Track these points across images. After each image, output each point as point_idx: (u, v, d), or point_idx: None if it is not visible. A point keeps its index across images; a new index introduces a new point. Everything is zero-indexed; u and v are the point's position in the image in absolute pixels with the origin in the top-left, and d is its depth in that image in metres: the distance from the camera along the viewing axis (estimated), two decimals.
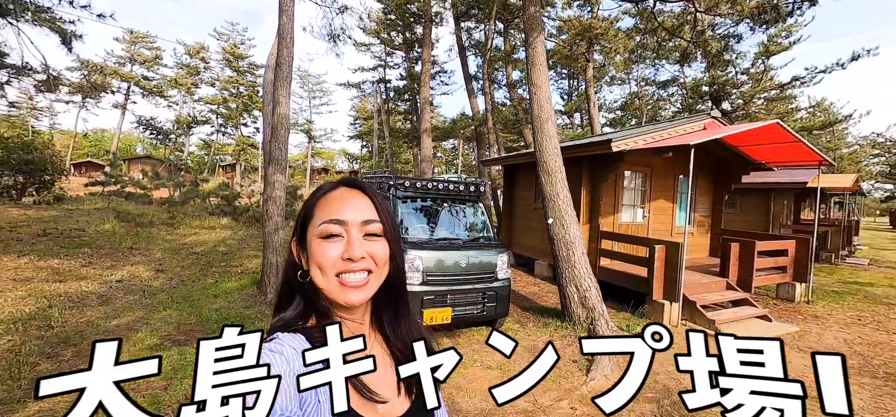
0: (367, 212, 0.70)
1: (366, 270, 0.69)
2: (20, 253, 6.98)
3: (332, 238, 0.67)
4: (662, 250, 5.74)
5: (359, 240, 0.68)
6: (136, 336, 4.61)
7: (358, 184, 0.74)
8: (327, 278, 0.67)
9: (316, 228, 0.68)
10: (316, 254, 0.67)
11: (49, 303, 5.22)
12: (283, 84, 6.48)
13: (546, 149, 5.73)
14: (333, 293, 0.67)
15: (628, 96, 24.85)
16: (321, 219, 0.68)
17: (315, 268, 0.68)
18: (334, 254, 0.67)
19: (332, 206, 0.69)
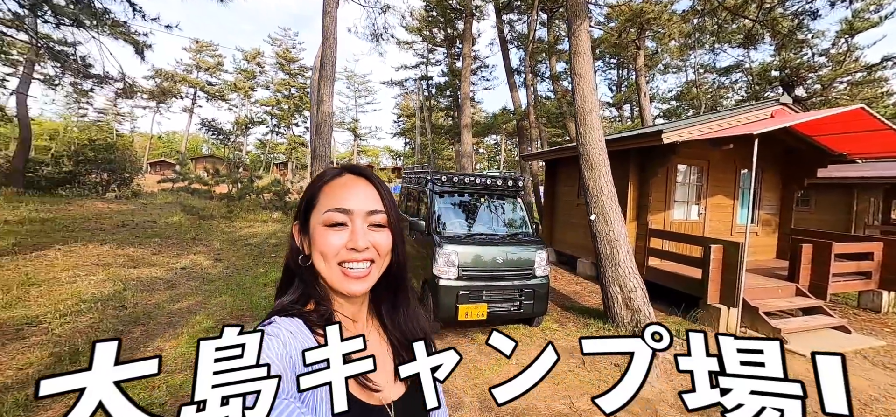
0: (372, 202, 0.69)
1: (368, 260, 0.68)
2: (102, 242, 7.84)
3: (337, 226, 0.67)
4: (719, 250, 5.29)
5: (363, 230, 0.67)
6: (195, 318, 5.00)
7: (363, 172, 0.72)
8: (330, 266, 0.66)
9: (321, 215, 0.67)
10: (319, 242, 0.67)
11: (124, 286, 5.82)
12: (327, 83, 6.72)
13: (589, 142, 5.48)
14: (335, 281, 0.67)
15: (684, 85, 23.16)
16: (326, 207, 0.67)
17: (318, 255, 0.67)
18: (338, 243, 0.66)
19: (337, 194, 0.68)
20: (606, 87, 24.24)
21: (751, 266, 7.12)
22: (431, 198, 5.19)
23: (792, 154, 7.89)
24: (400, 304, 0.79)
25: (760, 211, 8.04)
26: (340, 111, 44.98)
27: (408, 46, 25.07)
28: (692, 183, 7.39)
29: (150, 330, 4.64)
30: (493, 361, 4.15)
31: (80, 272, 6.22)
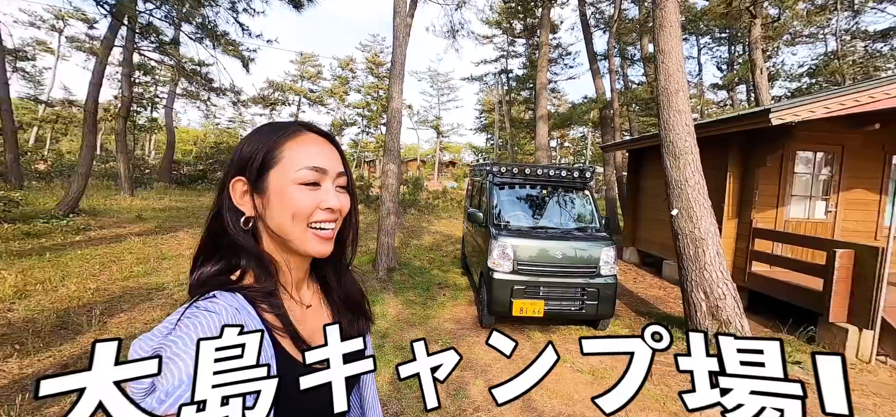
0: (339, 164, 0.68)
1: (334, 221, 0.67)
2: None
3: (310, 185, 0.64)
4: (849, 256, 4.24)
5: (335, 192, 0.66)
6: None
7: (324, 132, 0.69)
8: (297, 227, 0.64)
9: (292, 173, 0.63)
10: (291, 202, 0.63)
11: None
12: (396, 80, 6.99)
13: (674, 127, 4.84)
14: (298, 241, 0.64)
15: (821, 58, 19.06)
16: (299, 164, 0.63)
17: (284, 214, 0.63)
18: (312, 203, 0.64)
19: (309, 152, 0.64)
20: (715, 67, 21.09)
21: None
22: (490, 190, 5.08)
23: None
24: (344, 266, 0.78)
25: None
26: (424, 109, 46.69)
27: (487, 40, 24.91)
28: (817, 173, 6.05)
29: None
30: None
31: None
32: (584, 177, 5.14)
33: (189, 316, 0.53)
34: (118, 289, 5.27)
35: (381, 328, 4.68)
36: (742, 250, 5.81)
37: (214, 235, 0.67)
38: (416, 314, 5.13)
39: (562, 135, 40.93)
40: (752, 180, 5.75)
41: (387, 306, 5.41)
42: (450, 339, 4.42)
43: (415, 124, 45.72)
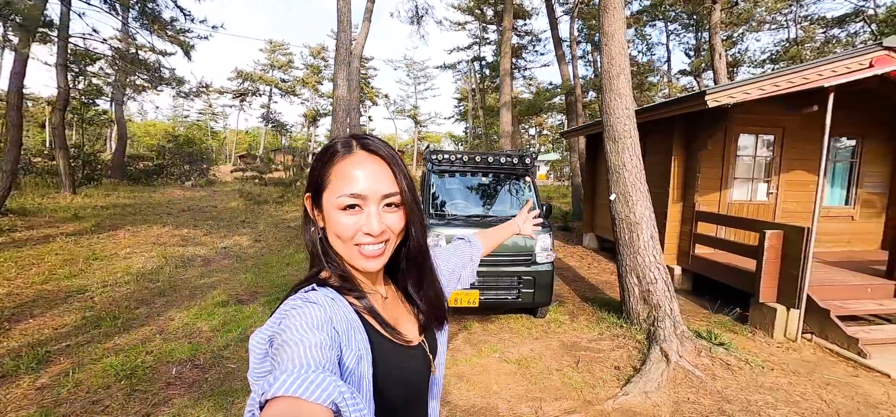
0: (386, 185, 0.67)
1: (383, 241, 0.68)
2: (165, 224, 8.88)
3: (352, 209, 0.66)
4: (777, 236, 4.27)
5: (378, 214, 0.66)
6: (213, 293, 5.37)
7: (375, 149, 0.68)
8: (346, 246, 0.68)
9: (334, 198, 0.66)
10: (334, 225, 0.66)
11: (167, 262, 6.48)
12: (341, 67, 6.72)
13: (614, 110, 4.76)
14: (351, 259, 0.69)
15: (783, 44, 19.53)
16: (339, 191, 0.65)
17: (332, 236, 0.68)
18: (353, 226, 0.66)
19: (350, 177, 0.65)
20: (683, 53, 21.35)
21: (841, 258, 5.75)
22: (427, 177, 4.92)
23: None
24: (425, 279, 0.81)
25: (859, 188, 6.42)
26: (401, 98, 46.05)
27: (460, 27, 24.57)
28: (759, 155, 6.11)
29: (171, 301, 5.07)
30: (473, 352, 3.81)
31: (137, 249, 7.07)
32: (525, 164, 5.02)
33: (295, 308, 0.59)
34: (32, 293, 4.91)
35: None
36: (686, 233, 5.84)
37: (306, 244, 0.75)
38: None
39: (539, 123, 41.03)
40: (696, 163, 5.76)
41: None
42: None
43: (392, 114, 45.12)
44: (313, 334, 0.53)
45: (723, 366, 3.44)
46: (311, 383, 0.43)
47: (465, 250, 1.07)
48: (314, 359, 0.49)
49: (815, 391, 3.19)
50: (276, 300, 5.22)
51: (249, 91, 40.12)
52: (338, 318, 0.61)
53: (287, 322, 0.56)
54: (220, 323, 4.46)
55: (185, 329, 4.30)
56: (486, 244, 1.16)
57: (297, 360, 0.48)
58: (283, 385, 0.42)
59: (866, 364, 3.60)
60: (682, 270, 5.93)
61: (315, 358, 0.49)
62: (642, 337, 3.93)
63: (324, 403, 0.42)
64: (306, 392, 0.42)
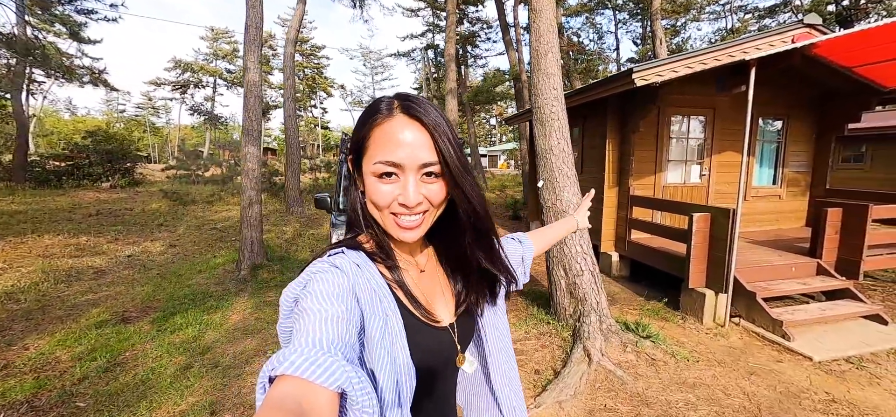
0: (425, 154, 0.62)
1: (421, 212, 0.65)
2: (59, 232, 7.74)
3: (388, 177, 0.63)
4: (705, 219, 4.11)
5: (415, 185, 0.63)
6: (92, 311, 4.58)
7: (418, 114, 0.62)
8: (383, 215, 0.66)
9: (371, 164, 0.63)
10: (371, 192, 0.64)
11: (47, 278, 5.54)
12: (251, 49, 5.98)
13: (542, 91, 4.40)
14: (387, 227, 0.67)
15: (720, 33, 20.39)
16: (377, 157, 0.62)
17: (369, 202, 0.67)
18: (390, 194, 0.63)
19: (388, 143, 0.62)
20: (631, 42, 21.83)
21: (769, 237, 5.79)
22: (339, 168, 4.39)
23: (830, 96, 6.27)
24: (496, 253, 0.77)
25: (786, 168, 6.53)
26: (358, 89, 44.58)
27: (413, 14, 23.84)
28: (691, 137, 6.04)
29: (35, 324, 4.26)
30: None
31: (14, 264, 6.03)
32: None
33: (319, 272, 0.60)
34: None
35: (207, 341, 3.88)
36: (623, 219, 5.67)
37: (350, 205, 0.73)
38: (263, 318, 4.37)
39: (499, 112, 41.06)
40: (629, 147, 5.58)
41: (230, 312, 4.59)
42: None
43: (349, 105, 43.56)
44: (332, 305, 0.54)
45: (648, 362, 3.19)
46: (319, 365, 0.43)
47: (515, 249, 0.98)
48: (328, 336, 0.49)
49: (739, 383, 2.99)
50: (171, 315, 4.53)
51: (191, 82, 37.25)
52: (361, 285, 0.61)
53: (311, 287, 0.57)
54: (86, 349, 3.74)
55: (37, 360, 3.55)
56: (538, 244, 1.08)
57: (312, 332, 0.49)
58: (293, 364, 0.43)
59: (790, 347, 3.49)
60: (619, 257, 5.77)
61: (328, 336, 0.49)
62: (568, 333, 3.63)
63: (330, 387, 0.43)
64: (314, 375, 0.42)
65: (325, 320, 0.51)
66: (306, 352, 0.44)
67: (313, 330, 0.49)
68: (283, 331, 0.62)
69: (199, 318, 4.38)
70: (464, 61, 24.36)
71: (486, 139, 50.81)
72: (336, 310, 0.53)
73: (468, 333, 0.76)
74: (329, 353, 0.46)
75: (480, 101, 16.83)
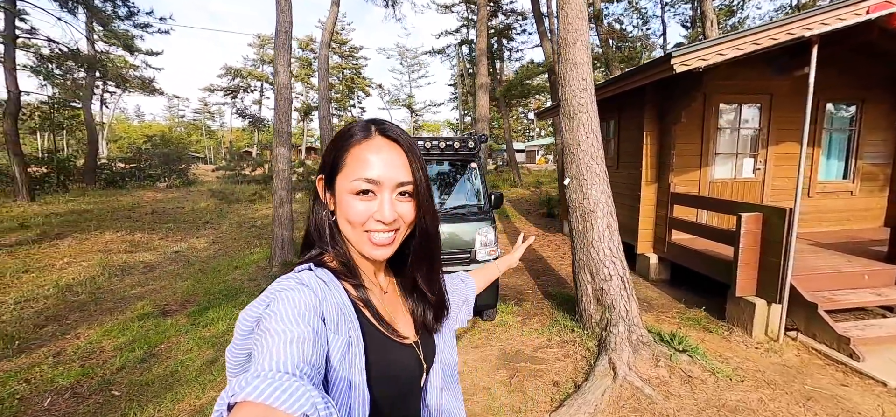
0: (401, 173, 0.65)
1: (393, 230, 0.67)
2: (118, 229, 8.43)
3: (364, 194, 0.64)
4: (755, 220, 3.66)
5: (390, 202, 0.65)
6: (138, 304, 4.92)
7: (394, 136, 0.66)
8: (355, 231, 0.66)
9: (348, 182, 0.64)
10: (346, 209, 0.65)
11: (104, 272, 6.03)
12: (281, 53, 6.14)
13: (569, 82, 4.15)
14: (359, 245, 0.67)
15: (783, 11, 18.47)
16: (354, 175, 0.64)
17: (343, 221, 0.67)
18: (365, 212, 0.65)
19: (366, 161, 0.64)
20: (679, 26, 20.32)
21: (838, 239, 5.12)
22: None
23: None
24: (434, 274, 0.79)
25: (860, 160, 5.73)
26: (395, 88, 45.22)
27: (447, 9, 23.73)
28: (745, 128, 5.45)
29: (87, 315, 4.63)
30: None
31: (77, 259, 6.63)
32: (468, 148, 4.44)
33: (284, 290, 0.58)
34: None
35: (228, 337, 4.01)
36: (662, 218, 5.23)
37: (310, 226, 0.73)
38: None
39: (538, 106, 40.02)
40: (670, 139, 5.12)
41: None
42: None
43: (386, 104, 44.33)
44: (298, 326, 0.52)
45: (682, 379, 2.88)
46: (284, 390, 0.41)
47: (458, 288, 1.02)
48: (292, 358, 0.47)
49: (792, 409, 2.62)
50: (205, 309, 4.76)
51: (241, 87, 39.57)
52: (328, 304, 0.60)
53: (275, 306, 0.55)
54: (127, 340, 4.00)
55: (85, 349, 3.84)
56: (479, 283, 1.12)
57: (276, 354, 0.47)
58: (256, 389, 0.41)
59: (859, 369, 3.02)
60: (658, 259, 5.34)
61: (293, 358, 0.47)
62: (593, 343, 3.37)
63: (295, 413, 0.41)
64: (278, 400, 0.40)
65: (289, 341, 0.49)
66: (270, 376, 0.43)
67: (277, 352, 0.47)
68: (235, 355, 0.61)
69: (230, 313, 4.56)
70: (499, 55, 23.90)
71: (524, 134, 49.77)
72: (302, 331, 0.51)
73: (431, 352, 0.78)
74: (294, 377, 0.44)
75: (515, 96, 16.36)
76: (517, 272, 6.04)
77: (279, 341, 0.49)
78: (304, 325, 0.52)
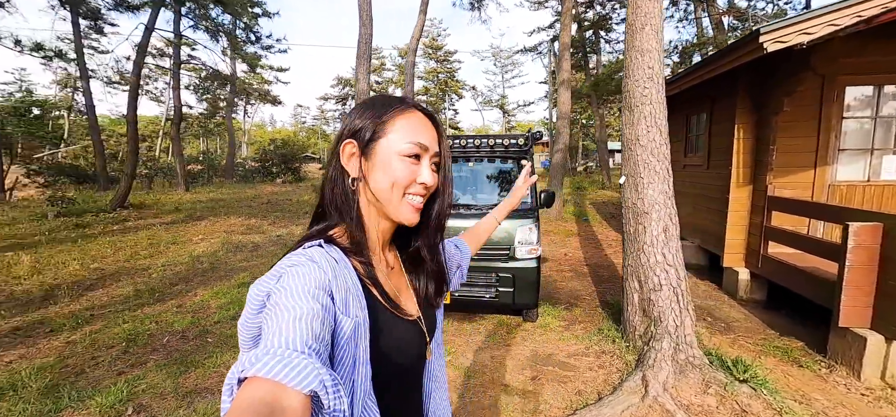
0: (436, 144, 0.72)
1: (423, 196, 0.72)
2: (239, 215, 10.21)
3: (414, 159, 0.69)
4: (872, 232, 2.90)
5: (430, 168, 0.71)
6: (240, 275, 5.94)
7: (430, 113, 0.74)
8: (395, 193, 0.68)
9: (400, 144, 0.68)
10: (395, 170, 0.68)
11: (222, 247, 7.41)
12: (361, 62, 6.77)
13: (634, 71, 3.84)
14: (393, 206, 0.69)
15: None
16: (408, 138, 0.68)
17: (386, 181, 0.68)
18: (411, 174, 0.68)
19: (416, 129, 0.69)
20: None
21: None
22: None
23: None
24: (439, 246, 0.82)
25: None
26: (488, 88, 45.54)
27: (539, 5, 23.10)
28: (885, 116, 4.28)
29: (205, 280, 5.76)
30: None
31: (208, 236, 8.24)
32: (520, 147, 4.35)
33: (295, 266, 0.57)
34: (115, 268, 6.06)
35: None
36: (756, 227, 4.42)
37: (325, 198, 0.73)
38: None
39: None
40: (770, 131, 4.29)
41: None
42: None
43: (479, 105, 44.91)
44: (307, 302, 0.51)
45: (734, 413, 2.45)
46: (293, 367, 0.41)
47: (454, 254, 1.02)
48: (302, 335, 0.47)
49: None
50: None
51: (350, 95, 44.19)
52: (338, 283, 0.59)
53: (285, 281, 0.55)
54: (227, 301, 4.88)
55: (197, 304, 4.80)
56: (473, 246, 1.12)
57: (285, 331, 0.47)
58: (265, 365, 0.41)
59: None
60: (750, 275, 4.52)
61: (302, 334, 0.47)
62: (633, 357, 3.05)
63: (303, 390, 0.41)
64: (286, 377, 0.40)
65: (298, 318, 0.49)
66: (279, 353, 0.43)
67: (286, 328, 0.48)
68: (248, 328, 0.60)
69: None
70: (595, 48, 22.39)
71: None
72: (311, 307, 0.51)
73: (432, 325, 0.80)
74: (303, 354, 0.44)
75: (607, 91, 15.17)
76: (579, 276, 5.70)
77: (289, 317, 0.49)
78: (314, 302, 0.53)
